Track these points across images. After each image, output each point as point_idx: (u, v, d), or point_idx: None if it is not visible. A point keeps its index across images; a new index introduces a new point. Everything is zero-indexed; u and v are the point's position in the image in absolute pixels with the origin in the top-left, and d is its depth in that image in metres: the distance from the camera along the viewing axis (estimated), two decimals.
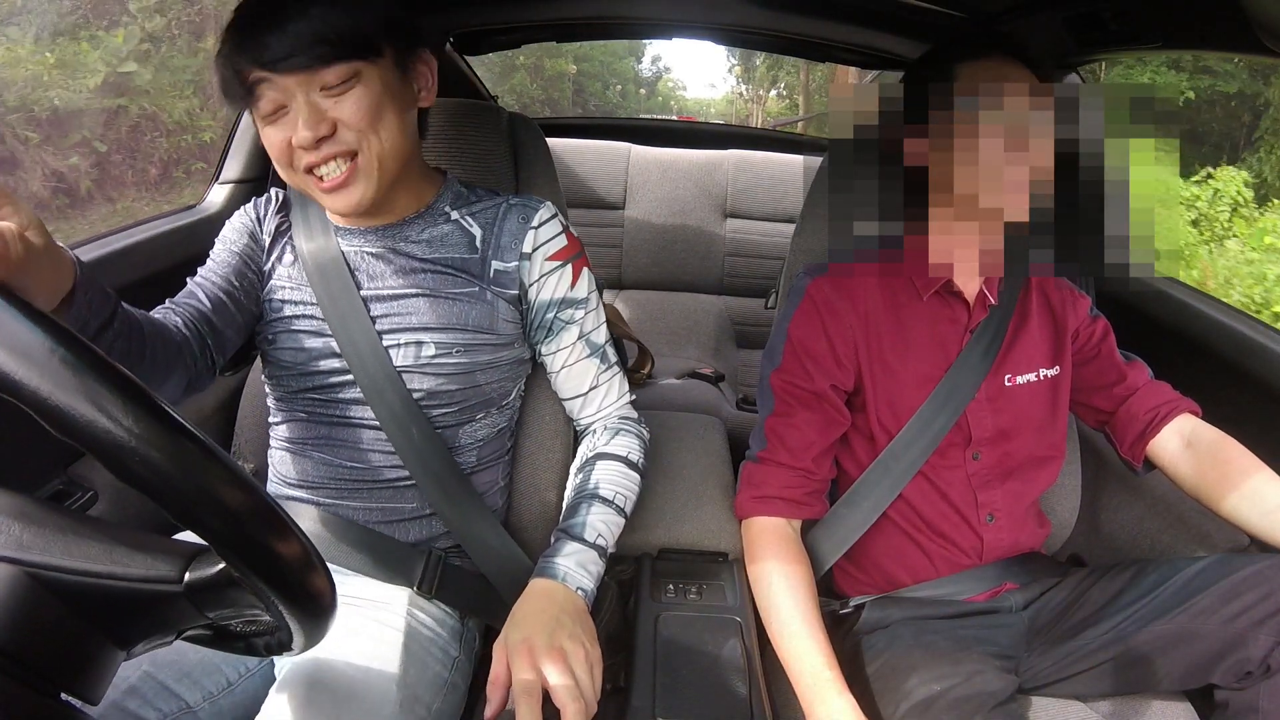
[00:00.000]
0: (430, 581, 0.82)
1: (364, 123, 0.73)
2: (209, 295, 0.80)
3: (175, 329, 0.75)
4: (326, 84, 0.72)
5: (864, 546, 0.90)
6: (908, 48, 1.56)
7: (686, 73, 32.03)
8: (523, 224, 0.84)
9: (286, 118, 0.73)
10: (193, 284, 0.82)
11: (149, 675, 0.68)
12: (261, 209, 0.88)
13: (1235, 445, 0.89)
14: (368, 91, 0.73)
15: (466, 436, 0.86)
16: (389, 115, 0.75)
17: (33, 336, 0.33)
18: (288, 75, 0.71)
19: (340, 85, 0.72)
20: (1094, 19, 1.05)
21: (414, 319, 0.81)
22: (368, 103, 0.73)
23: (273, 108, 0.73)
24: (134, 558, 0.41)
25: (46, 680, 0.37)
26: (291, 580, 0.39)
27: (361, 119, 0.73)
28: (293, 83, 0.71)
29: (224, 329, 0.80)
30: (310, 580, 0.41)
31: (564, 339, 0.87)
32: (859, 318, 0.88)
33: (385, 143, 0.75)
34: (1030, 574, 0.93)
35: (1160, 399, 0.94)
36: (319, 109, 0.72)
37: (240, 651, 0.50)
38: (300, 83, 0.71)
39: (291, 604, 0.40)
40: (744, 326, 2.13)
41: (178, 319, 0.76)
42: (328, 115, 0.72)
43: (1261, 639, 0.75)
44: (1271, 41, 0.80)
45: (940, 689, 0.76)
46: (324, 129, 0.72)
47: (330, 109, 0.72)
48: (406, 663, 0.75)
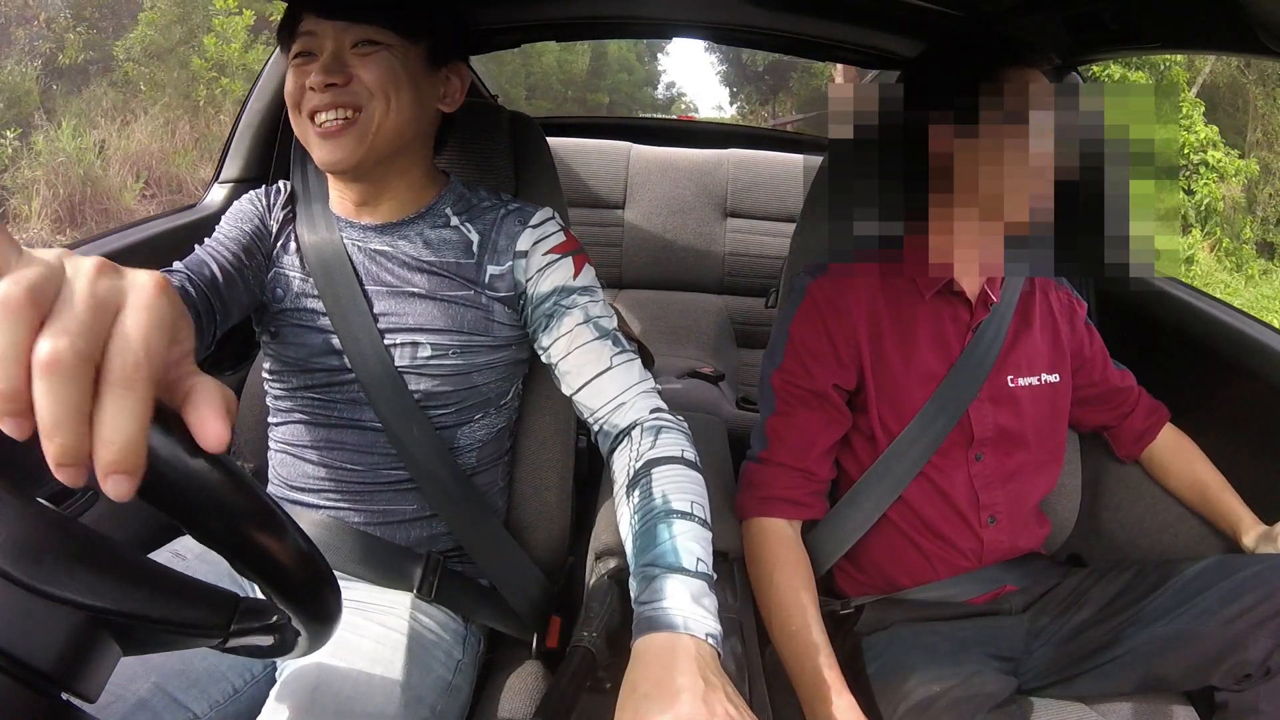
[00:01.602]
0: (430, 585, 0.81)
1: (377, 86, 0.75)
2: (220, 267, 0.79)
3: (191, 303, 0.74)
4: (357, 40, 0.75)
5: (864, 547, 0.90)
6: (907, 47, 1.55)
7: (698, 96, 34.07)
8: (520, 225, 0.84)
9: (312, 63, 0.76)
10: (203, 253, 0.80)
11: (157, 687, 0.68)
12: (271, 197, 0.89)
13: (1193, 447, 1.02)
14: (391, 60, 0.76)
15: (465, 437, 0.85)
16: (405, 92, 0.77)
17: None
18: (325, 20, 0.75)
19: (368, 46, 0.75)
20: (1094, 19, 1.04)
21: (410, 319, 0.81)
22: (388, 69, 0.76)
23: (303, 49, 0.76)
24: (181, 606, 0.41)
25: (46, 680, 0.37)
26: (297, 586, 0.39)
27: (377, 81, 0.75)
28: (328, 28, 0.75)
29: (230, 304, 0.79)
30: (315, 585, 0.41)
31: (566, 324, 0.80)
32: (862, 316, 0.88)
33: (392, 113, 0.77)
34: (1030, 575, 0.93)
35: (1149, 409, 1.00)
36: (341, 59, 0.75)
37: (243, 654, 0.50)
38: (334, 31, 0.75)
39: (297, 609, 0.40)
40: (744, 326, 2.12)
41: (191, 289, 0.75)
42: (347, 68, 0.75)
43: (1261, 641, 0.75)
44: (1271, 42, 0.80)
45: (939, 690, 0.76)
46: (338, 77, 0.74)
47: (352, 64, 0.75)
48: (409, 664, 0.74)
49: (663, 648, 0.56)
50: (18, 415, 0.27)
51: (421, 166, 0.85)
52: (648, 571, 0.62)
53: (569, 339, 0.80)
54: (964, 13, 1.19)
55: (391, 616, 0.78)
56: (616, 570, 0.90)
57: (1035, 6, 1.06)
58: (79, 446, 0.27)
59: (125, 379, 0.28)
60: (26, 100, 6.30)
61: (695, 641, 0.57)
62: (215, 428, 0.31)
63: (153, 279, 0.30)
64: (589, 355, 0.79)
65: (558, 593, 0.92)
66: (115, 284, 0.29)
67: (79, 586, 0.38)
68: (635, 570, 0.64)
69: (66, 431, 0.27)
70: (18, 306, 0.26)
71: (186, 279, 0.76)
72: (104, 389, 0.28)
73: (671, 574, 0.61)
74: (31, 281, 0.27)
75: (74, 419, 0.27)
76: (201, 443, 0.31)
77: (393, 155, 0.79)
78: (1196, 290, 1.21)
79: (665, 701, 0.52)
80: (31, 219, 5.76)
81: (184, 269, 0.77)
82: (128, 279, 0.30)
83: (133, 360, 0.28)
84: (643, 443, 0.73)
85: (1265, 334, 1.03)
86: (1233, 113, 8.78)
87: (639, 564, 0.64)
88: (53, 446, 0.27)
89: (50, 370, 0.26)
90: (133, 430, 0.28)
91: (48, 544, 0.38)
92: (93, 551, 0.39)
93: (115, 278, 0.30)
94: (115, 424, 0.27)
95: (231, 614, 0.43)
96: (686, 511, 0.66)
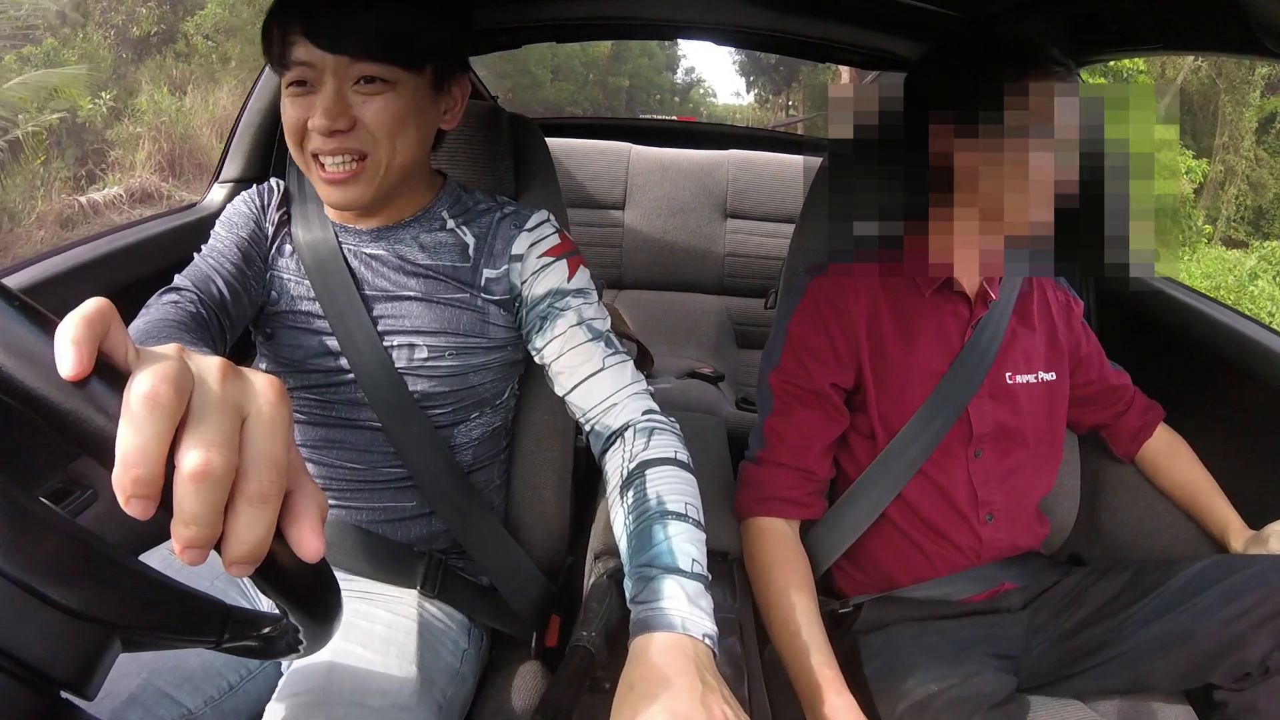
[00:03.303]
0: (433, 583, 0.82)
1: (383, 130, 0.72)
2: (226, 283, 0.78)
3: (204, 324, 0.73)
4: (361, 77, 0.71)
5: (863, 546, 0.90)
6: (908, 48, 1.55)
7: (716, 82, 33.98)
8: (515, 229, 0.83)
9: (310, 95, 0.72)
10: (206, 268, 0.79)
11: (148, 683, 0.68)
12: (265, 197, 0.87)
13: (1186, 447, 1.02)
14: (397, 101, 0.72)
15: (462, 436, 0.86)
16: (410, 130, 0.74)
17: (34, 337, 0.33)
18: (328, 54, 0.70)
19: (373, 85, 0.71)
20: (1094, 19, 1.05)
21: (407, 321, 0.81)
22: (393, 112, 0.72)
23: (300, 79, 0.72)
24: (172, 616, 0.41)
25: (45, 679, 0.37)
26: (296, 585, 0.39)
27: (382, 126, 0.72)
28: (330, 64, 0.70)
29: (237, 320, 0.79)
30: (316, 585, 0.41)
31: (559, 325, 0.80)
32: (862, 314, 0.88)
33: (398, 155, 0.74)
34: (1029, 574, 0.93)
35: (1144, 407, 1.01)
36: (344, 101, 0.71)
37: (243, 655, 0.50)
38: (337, 67, 0.70)
39: (297, 608, 0.40)
40: (744, 326, 2.12)
41: (204, 312, 0.74)
42: (350, 110, 0.71)
43: (1261, 640, 0.75)
44: (1271, 42, 0.80)
45: (938, 689, 0.76)
46: (342, 123, 0.71)
47: (355, 105, 0.71)
48: (421, 648, 0.76)
49: (660, 647, 0.56)
50: (147, 499, 0.29)
51: (419, 174, 0.84)
52: (644, 572, 0.62)
53: (562, 340, 0.79)
54: (964, 14, 1.20)
55: (400, 605, 0.80)
56: (615, 570, 0.89)
57: (1035, 7, 1.06)
58: (211, 538, 0.30)
59: (262, 494, 0.31)
60: (102, 67, 7.45)
61: (693, 642, 0.57)
62: (315, 546, 0.33)
63: (273, 386, 0.33)
64: (581, 356, 0.78)
65: (557, 592, 0.93)
66: (242, 388, 0.32)
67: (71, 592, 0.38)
68: (630, 571, 0.64)
69: (204, 526, 0.30)
70: (167, 404, 0.29)
71: (198, 300, 0.74)
72: (241, 500, 0.30)
73: (668, 574, 0.61)
74: (178, 382, 0.30)
75: (212, 517, 0.30)
76: (301, 556, 0.34)
77: (399, 184, 0.79)
78: (1196, 291, 1.21)
79: (662, 701, 0.52)
80: (137, 168, 7.01)
81: (193, 289, 0.75)
82: (252, 384, 0.33)
83: (269, 478, 0.31)
84: (636, 444, 0.73)
85: (1265, 335, 1.03)
86: (1204, 117, 9.73)
87: (634, 565, 0.64)
88: (187, 533, 0.29)
89: (202, 479, 0.29)
90: (262, 535, 0.31)
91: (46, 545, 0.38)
92: (88, 556, 0.39)
93: (240, 381, 0.33)
94: (249, 529, 0.31)
95: (222, 628, 0.43)
96: (681, 513, 0.66)
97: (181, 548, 0.30)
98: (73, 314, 0.30)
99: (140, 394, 0.29)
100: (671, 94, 24.22)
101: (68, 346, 0.29)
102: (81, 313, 0.30)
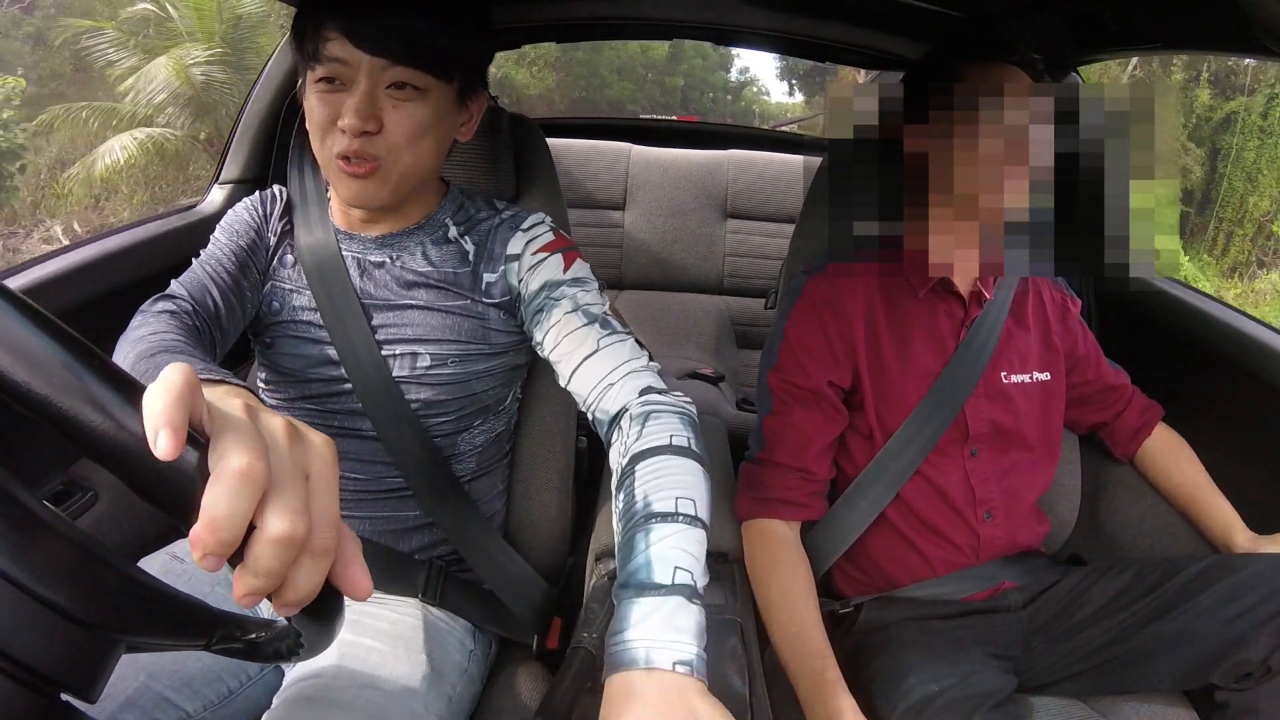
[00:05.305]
0: (434, 591, 0.82)
1: (404, 139, 0.72)
2: (222, 294, 0.77)
3: (198, 333, 0.73)
4: (392, 81, 0.71)
5: (862, 546, 0.90)
6: (908, 48, 1.55)
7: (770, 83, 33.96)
8: (512, 231, 0.83)
9: (339, 94, 0.71)
10: (203, 277, 0.78)
11: (147, 686, 0.68)
12: (268, 206, 0.87)
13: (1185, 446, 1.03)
14: (424, 109, 0.73)
15: (465, 444, 0.85)
16: (429, 140, 0.75)
17: (37, 340, 0.33)
18: (365, 55, 0.69)
19: (404, 91, 0.71)
20: (1094, 19, 1.05)
21: (409, 330, 0.80)
22: (418, 120, 0.73)
23: (331, 75, 0.71)
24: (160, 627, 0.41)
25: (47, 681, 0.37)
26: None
27: (405, 134, 0.72)
28: (365, 65, 0.70)
29: (230, 332, 0.79)
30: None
31: (555, 314, 0.78)
32: (859, 314, 0.89)
33: (414, 163, 0.75)
34: (1029, 573, 0.93)
35: (1143, 407, 1.01)
36: (376, 103, 0.71)
37: (238, 657, 0.50)
38: (372, 69, 0.70)
39: (301, 615, 0.40)
40: (744, 327, 2.12)
41: (198, 323, 0.74)
42: (380, 113, 0.71)
43: (1262, 640, 0.75)
44: (1272, 42, 0.80)
45: (939, 689, 0.76)
46: (372, 125, 0.71)
47: (385, 109, 0.72)
48: (430, 645, 0.77)
49: (619, 691, 0.52)
50: (224, 558, 0.32)
51: (429, 182, 0.84)
52: (619, 595, 0.58)
53: (558, 329, 0.77)
54: (964, 13, 1.20)
55: (406, 605, 0.81)
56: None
57: (1035, 7, 1.06)
58: (274, 588, 0.34)
59: (324, 549, 0.35)
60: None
61: (659, 676, 0.52)
62: (367, 586, 0.38)
63: (329, 446, 0.38)
64: (575, 341, 0.76)
65: (558, 594, 0.93)
66: (305, 450, 0.36)
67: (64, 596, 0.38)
68: (614, 592, 0.60)
69: (275, 579, 0.33)
70: (259, 479, 0.32)
71: (193, 312, 0.74)
72: (304, 555, 0.34)
73: (641, 596, 0.56)
74: (265, 456, 0.33)
75: (284, 572, 0.33)
76: (354, 597, 0.38)
77: (411, 190, 0.79)
78: (1196, 290, 1.21)
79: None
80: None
81: (188, 300, 0.75)
82: (312, 445, 0.37)
83: (329, 535, 0.35)
84: (629, 434, 0.68)
85: (1266, 334, 1.03)
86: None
87: (617, 584, 0.59)
88: (256, 584, 0.33)
89: (286, 544, 0.33)
90: (318, 583, 0.35)
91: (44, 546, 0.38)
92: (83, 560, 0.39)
93: (303, 444, 0.36)
94: (308, 579, 0.34)
95: (210, 638, 0.43)
96: (669, 512, 0.61)
97: (243, 593, 0.33)
98: (161, 386, 0.32)
99: (235, 470, 0.32)
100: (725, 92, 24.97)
101: (163, 431, 0.31)
102: (171, 390, 0.32)
